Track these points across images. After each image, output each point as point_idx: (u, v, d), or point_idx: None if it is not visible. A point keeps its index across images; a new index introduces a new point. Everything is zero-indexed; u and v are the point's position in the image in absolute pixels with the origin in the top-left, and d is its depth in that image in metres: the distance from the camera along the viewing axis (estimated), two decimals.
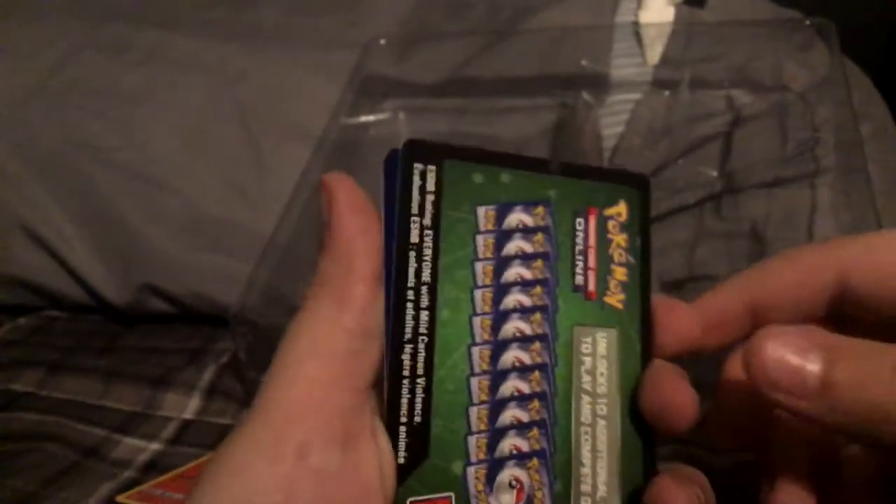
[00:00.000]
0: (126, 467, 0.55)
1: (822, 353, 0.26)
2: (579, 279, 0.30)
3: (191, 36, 0.78)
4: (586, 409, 0.30)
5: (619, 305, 0.31)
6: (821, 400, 0.25)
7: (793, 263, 0.30)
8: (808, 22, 0.65)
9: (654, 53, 0.66)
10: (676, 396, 0.28)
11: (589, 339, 0.30)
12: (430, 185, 0.29)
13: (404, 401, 0.28)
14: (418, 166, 0.29)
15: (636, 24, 0.68)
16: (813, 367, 0.25)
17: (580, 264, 0.30)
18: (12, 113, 0.75)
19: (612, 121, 0.66)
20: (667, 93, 0.65)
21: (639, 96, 0.66)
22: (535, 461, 0.29)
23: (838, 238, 0.29)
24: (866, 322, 0.29)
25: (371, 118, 0.72)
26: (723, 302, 0.30)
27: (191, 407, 0.61)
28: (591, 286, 0.30)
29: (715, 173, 0.60)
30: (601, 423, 0.30)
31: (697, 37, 0.66)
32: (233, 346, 0.64)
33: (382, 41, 0.73)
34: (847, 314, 0.29)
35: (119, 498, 0.50)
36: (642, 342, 0.31)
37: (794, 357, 0.26)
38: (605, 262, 0.31)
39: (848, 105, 0.57)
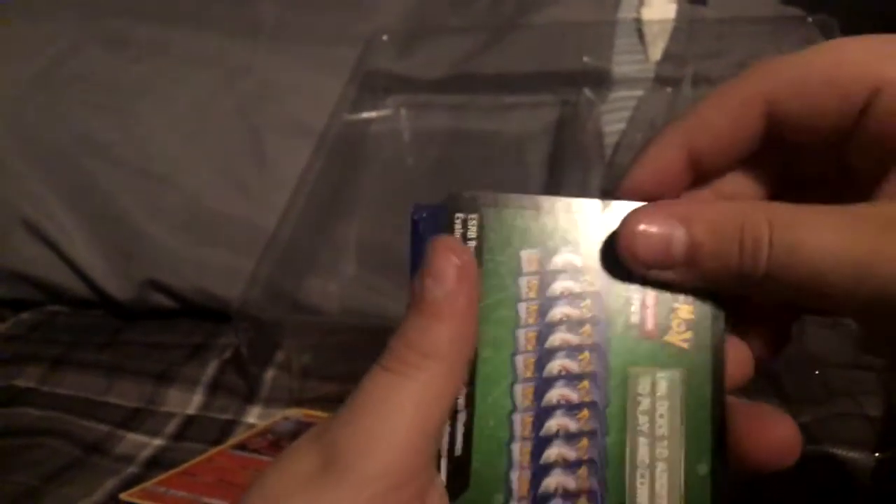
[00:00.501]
0: (129, 463, 0.55)
1: (682, 220, 0.27)
2: (635, 318, 0.29)
3: (192, 31, 0.78)
4: (643, 451, 0.28)
5: (685, 345, 0.29)
6: (688, 267, 0.27)
7: (722, 105, 0.28)
8: (809, 19, 0.65)
9: (657, 50, 0.67)
10: (781, 431, 0.28)
11: (647, 379, 0.29)
12: (472, 233, 0.29)
13: (446, 435, 0.28)
14: (459, 216, 0.29)
15: (638, 20, 0.68)
16: (677, 233, 0.27)
17: (636, 303, 0.29)
18: (13, 108, 0.75)
19: (615, 117, 0.66)
20: (669, 89, 0.66)
21: (641, 93, 0.66)
22: (583, 499, 0.28)
23: (763, 64, 0.28)
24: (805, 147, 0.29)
25: (373, 114, 0.73)
26: (663, 158, 0.29)
27: (193, 402, 0.61)
28: (650, 325, 0.29)
29: None
30: (660, 465, 0.28)
31: (699, 33, 0.66)
32: (235, 341, 0.64)
33: (384, 37, 0.73)
34: (785, 140, 0.29)
35: (123, 496, 0.50)
36: (713, 384, 0.29)
37: (659, 228, 0.27)
38: (665, 300, 0.29)
39: None
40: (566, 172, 0.65)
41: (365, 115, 0.72)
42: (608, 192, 0.31)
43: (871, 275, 0.24)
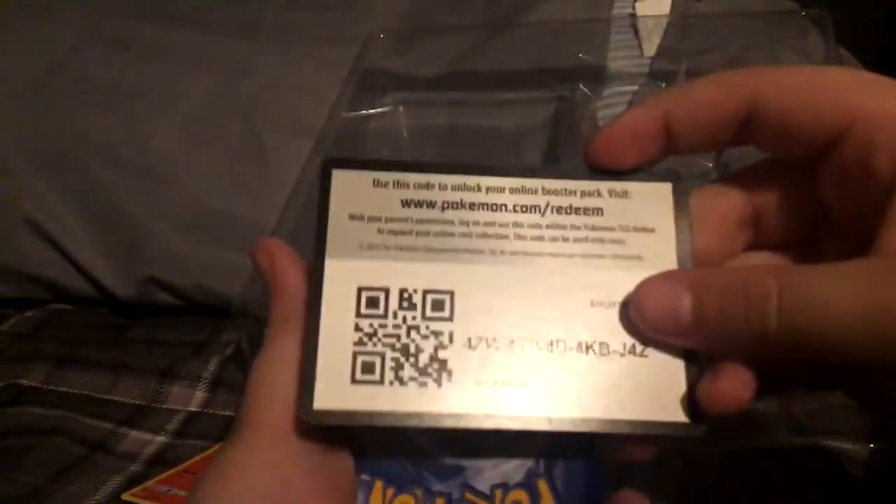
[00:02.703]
0: (133, 461, 0.56)
1: (688, 286, 0.28)
2: None
3: (192, 32, 0.78)
4: None
5: None
6: (697, 331, 0.28)
7: (708, 85, 0.30)
8: (803, 12, 0.65)
9: (651, 45, 0.67)
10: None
11: None
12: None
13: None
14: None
15: (633, 16, 0.69)
16: (685, 303, 0.28)
17: None
18: (16, 109, 0.75)
19: (610, 112, 0.66)
20: (663, 84, 0.66)
21: (636, 88, 0.67)
22: None
23: (756, 66, 0.30)
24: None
25: (371, 111, 0.73)
26: (639, 117, 0.30)
27: (196, 399, 0.61)
28: None
29: (710, 164, 0.61)
30: None
31: (694, 28, 0.67)
32: (237, 338, 0.65)
33: (382, 35, 0.73)
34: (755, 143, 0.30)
35: (125, 496, 0.51)
36: None
37: (667, 299, 0.28)
38: None
39: None
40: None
41: (364, 112, 0.72)
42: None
43: (883, 328, 0.24)
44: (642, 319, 0.29)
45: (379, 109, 0.73)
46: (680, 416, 0.29)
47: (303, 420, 0.28)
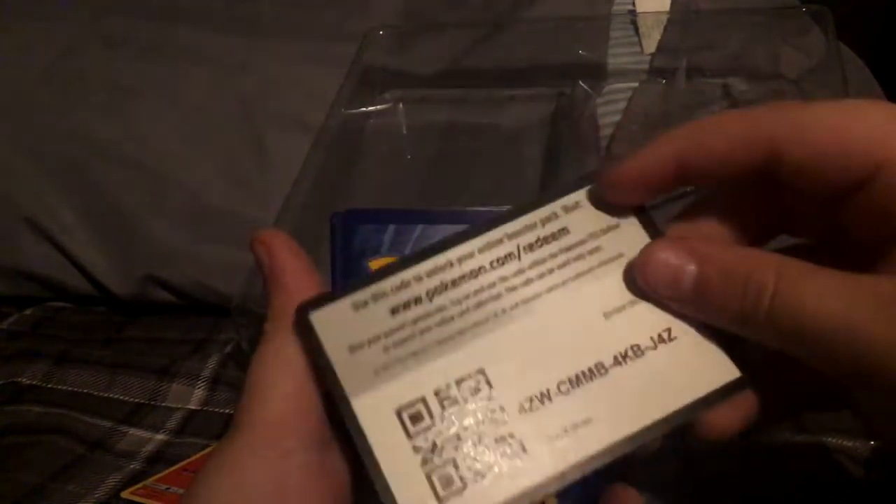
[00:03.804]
0: (132, 459, 0.55)
1: (696, 258, 0.29)
2: None
3: (191, 28, 0.78)
4: None
5: None
6: (692, 300, 0.29)
7: (725, 127, 0.29)
8: (804, 8, 0.65)
9: (651, 42, 0.67)
10: None
11: None
12: None
13: None
14: None
15: (633, 13, 0.68)
16: (689, 267, 0.29)
17: None
18: (14, 106, 0.75)
19: (610, 109, 0.66)
20: (663, 81, 0.66)
21: (636, 85, 0.67)
22: None
23: (775, 106, 0.29)
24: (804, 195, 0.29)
25: (370, 108, 0.73)
26: (650, 159, 0.30)
27: (195, 397, 0.61)
28: None
29: None
30: None
31: (694, 25, 0.66)
32: (236, 336, 0.64)
33: (381, 32, 0.73)
34: (783, 186, 0.29)
35: (124, 494, 0.51)
36: None
37: (672, 265, 0.29)
38: None
39: (844, 92, 0.58)
40: (562, 163, 0.66)
41: (363, 109, 0.72)
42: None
43: (867, 348, 0.25)
44: (644, 279, 0.30)
45: (378, 107, 0.73)
46: (733, 373, 0.29)
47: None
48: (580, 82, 0.67)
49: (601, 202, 0.31)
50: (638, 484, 0.32)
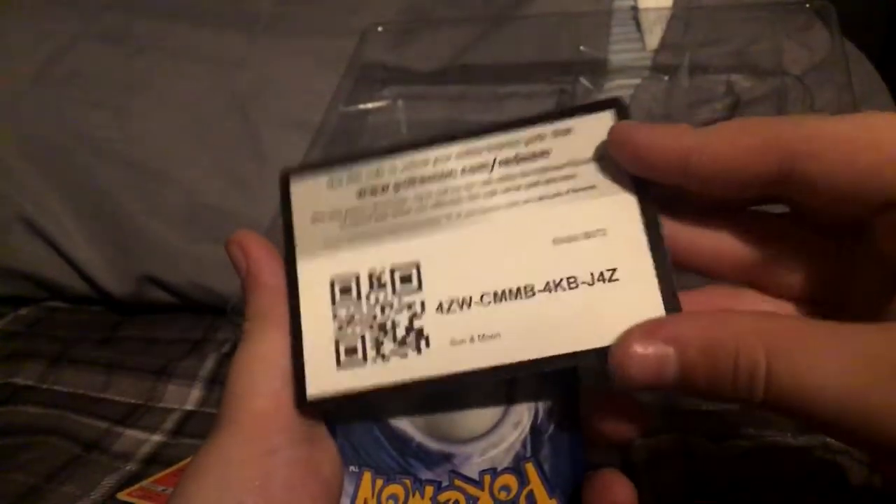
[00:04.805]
0: (128, 460, 0.55)
1: (673, 343, 0.26)
2: None
3: (188, 26, 0.78)
4: None
5: None
6: (683, 389, 0.26)
7: (736, 134, 0.27)
8: (808, 4, 0.64)
9: (653, 38, 0.66)
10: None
11: None
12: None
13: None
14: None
15: (635, 8, 0.68)
16: (670, 363, 0.26)
17: None
18: (10, 104, 0.75)
19: None
20: (666, 78, 0.65)
21: (638, 81, 0.66)
22: None
23: (791, 119, 0.27)
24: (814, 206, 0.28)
25: (369, 106, 0.72)
26: (659, 139, 0.28)
27: (192, 398, 0.61)
28: None
29: None
30: None
31: (696, 21, 0.66)
32: (233, 335, 0.64)
33: (380, 28, 0.72)
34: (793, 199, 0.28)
35: (120, 495, 0.50)
36: None
37: (650, 362, 0.26)
38: None
39: (848, 88, 0.57)
40: None
41: (362, 106, 0.72)
42: None
43: (881, 425, 0.23)
44: (626, 381, 0.27)
45: (377, 104, 0.73)
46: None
47: (296, 410, 0.30)
48: (581, 79, 0.66)
49: (593, 134, 0.31)
50: (640, 486, 0.31)
